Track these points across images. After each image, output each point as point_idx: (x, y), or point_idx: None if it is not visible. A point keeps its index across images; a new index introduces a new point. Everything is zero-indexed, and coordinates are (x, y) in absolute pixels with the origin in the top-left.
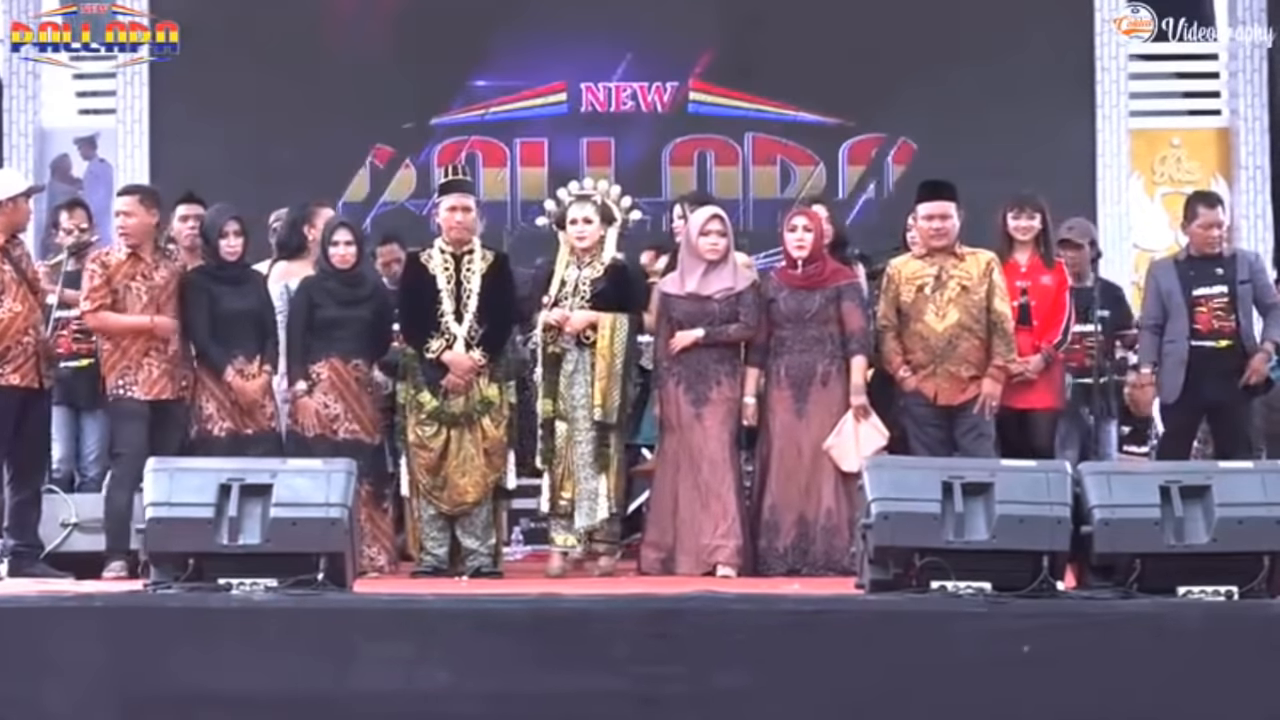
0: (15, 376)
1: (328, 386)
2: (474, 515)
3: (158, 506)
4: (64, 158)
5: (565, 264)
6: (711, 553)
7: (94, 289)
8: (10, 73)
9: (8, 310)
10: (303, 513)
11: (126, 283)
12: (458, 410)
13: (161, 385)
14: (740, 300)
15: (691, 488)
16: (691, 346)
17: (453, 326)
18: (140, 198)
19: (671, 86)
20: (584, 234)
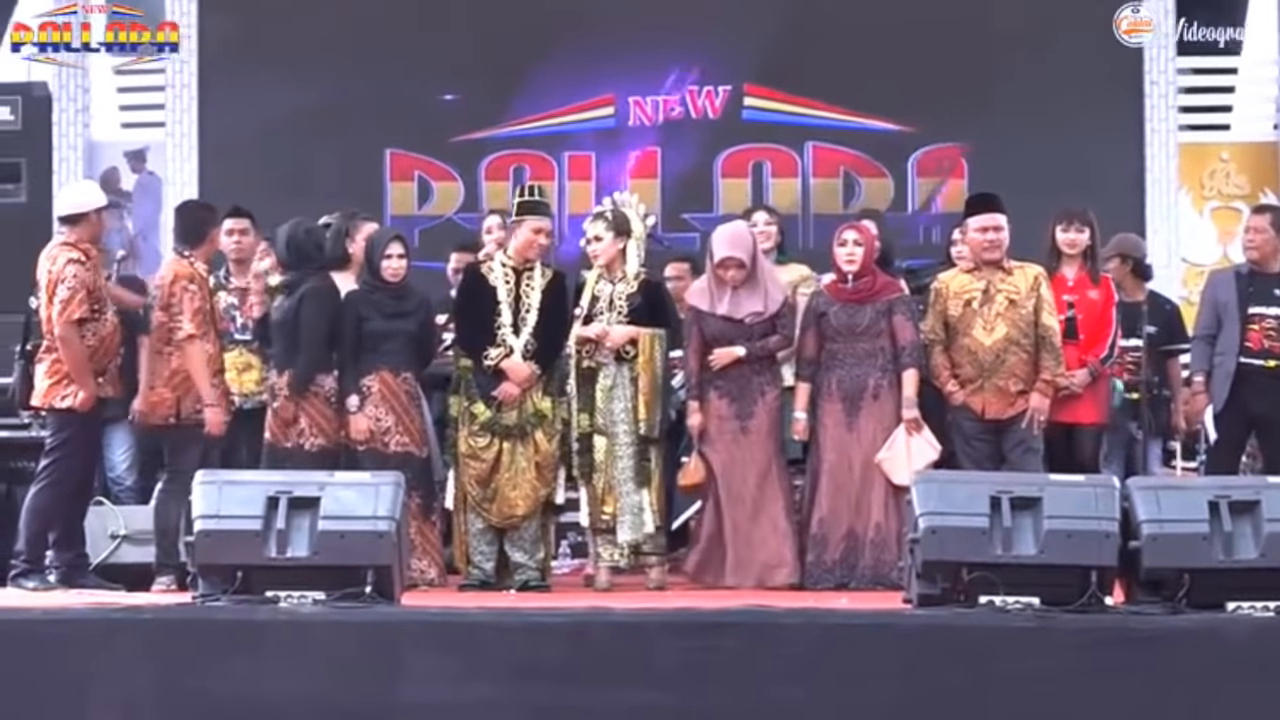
0: (110, 388)
1: (378, 399)
2: (523, 529)
3: (206, 519)
4: (113, 170)
5: (595, 278)
6: (766, 572)
7: (197, 310)
8: (60, 86)
9: (109, 323)
10: (351, 525)
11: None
12: (511, 422)
13: (224, 408)
14: (777, 315)
15: (738, 501)
16: (733, 364)
17: (510, 338)
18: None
19: (724, 91)
20: (596, 251)
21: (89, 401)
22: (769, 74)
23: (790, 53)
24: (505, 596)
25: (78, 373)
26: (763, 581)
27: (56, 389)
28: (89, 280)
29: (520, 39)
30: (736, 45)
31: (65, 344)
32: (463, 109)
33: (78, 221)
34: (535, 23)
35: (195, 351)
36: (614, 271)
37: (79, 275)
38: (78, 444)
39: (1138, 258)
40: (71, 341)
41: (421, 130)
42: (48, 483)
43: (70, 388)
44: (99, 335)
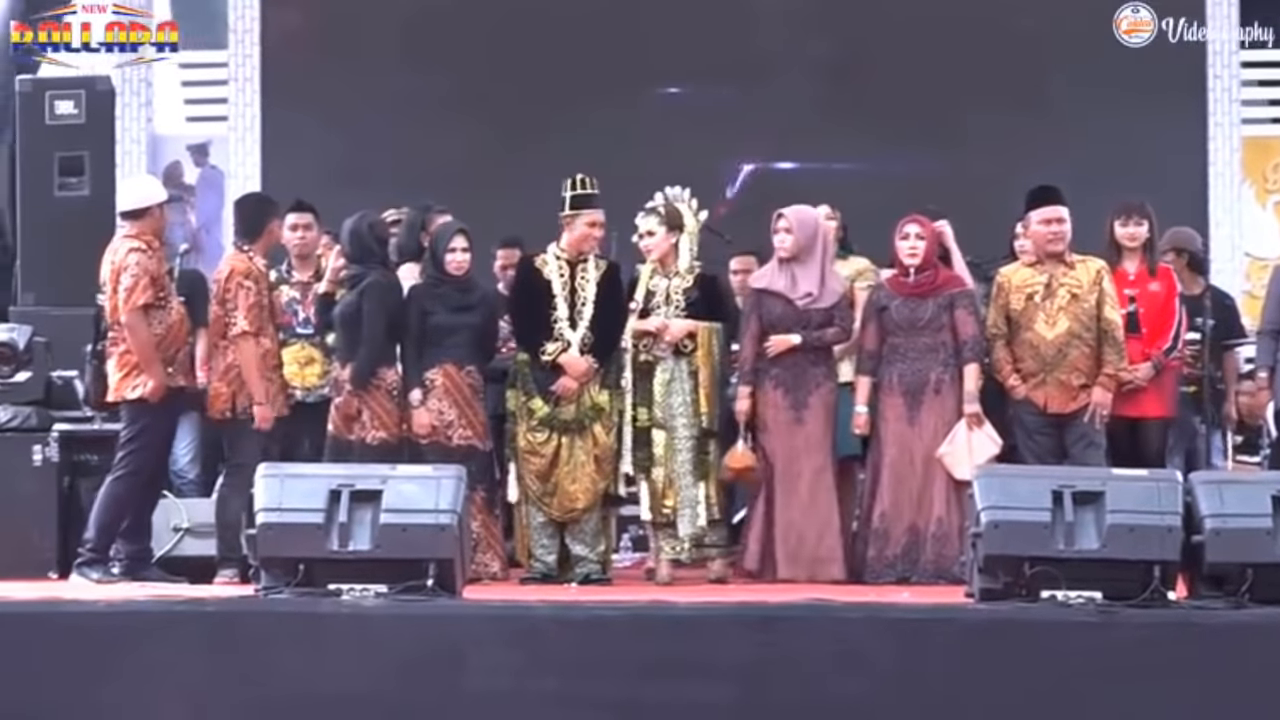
0: (182, 379)
1: (442, 393)
2: (583, 522)
3: (268, 512)
4: (176, 164)
5: (649, 273)
6: (816, 566)
7: (251, 306)
8: (123, 80)
9: (176, 312)
10: (412, 519)
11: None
12: (569, 417)
13: (280, 401)
14: (835, 306)
15: (790, 493)
16: (788, 352)
17: (567, 332)
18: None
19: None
20: (649, 246)
21: (159, 390)
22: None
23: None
24: (566, 590)
25: (145, 360)
26: (813, 576)
27: (127, 380)
28: (152, 268)
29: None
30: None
31: (132, 331)
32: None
33: (140, 216)
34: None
35: (248, 348)
36: (667, 266)
37: (141, 263)
38: (151, 434)
39: (1193, 251)
40: (138, 329)
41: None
42: (124, 473)
43: (140, 378)
44: (165, 324)
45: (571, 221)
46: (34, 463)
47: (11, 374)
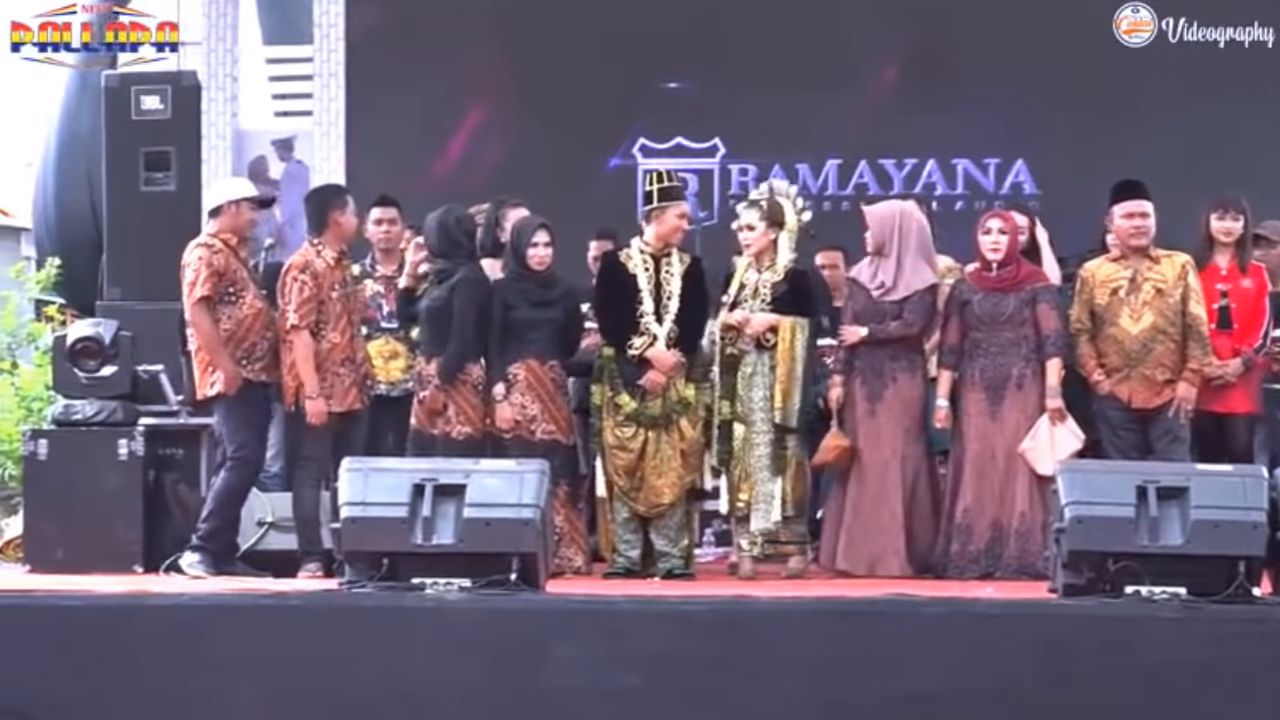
0: (263, 373)
1: (524, 387)
2: (668, 517)
3: (352, 506)
4: (261, 159)
5: (745, 266)
6: (876, 560)
7: (304, 301)
8: (209, 75)
9: (250, 307)
10: (496, 513)
11: (329, 292)
12: (656, 411)
13: (353, 396)
14: (909, 299)
15: (858, 485)
16: (859, 343)
17: (653, 327)
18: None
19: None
20: (749, 240)
21: (231, 382)
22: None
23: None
24: (649, 584)
25: (211, 353)
26: (873, 569)
27: (205, 378)
28: (218, 263)
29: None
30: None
31: (195, 325)
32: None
33: (217, 214)
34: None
35: (297, 341)
36: (763, 261)
37: (204, 258)
38: (243, 422)
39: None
40: (200, 322)
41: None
42: (230, 464)
43: (215, 374)
44: (235, 319)
45: (660, 214)
46: (119, 457)
47: (97, 368)
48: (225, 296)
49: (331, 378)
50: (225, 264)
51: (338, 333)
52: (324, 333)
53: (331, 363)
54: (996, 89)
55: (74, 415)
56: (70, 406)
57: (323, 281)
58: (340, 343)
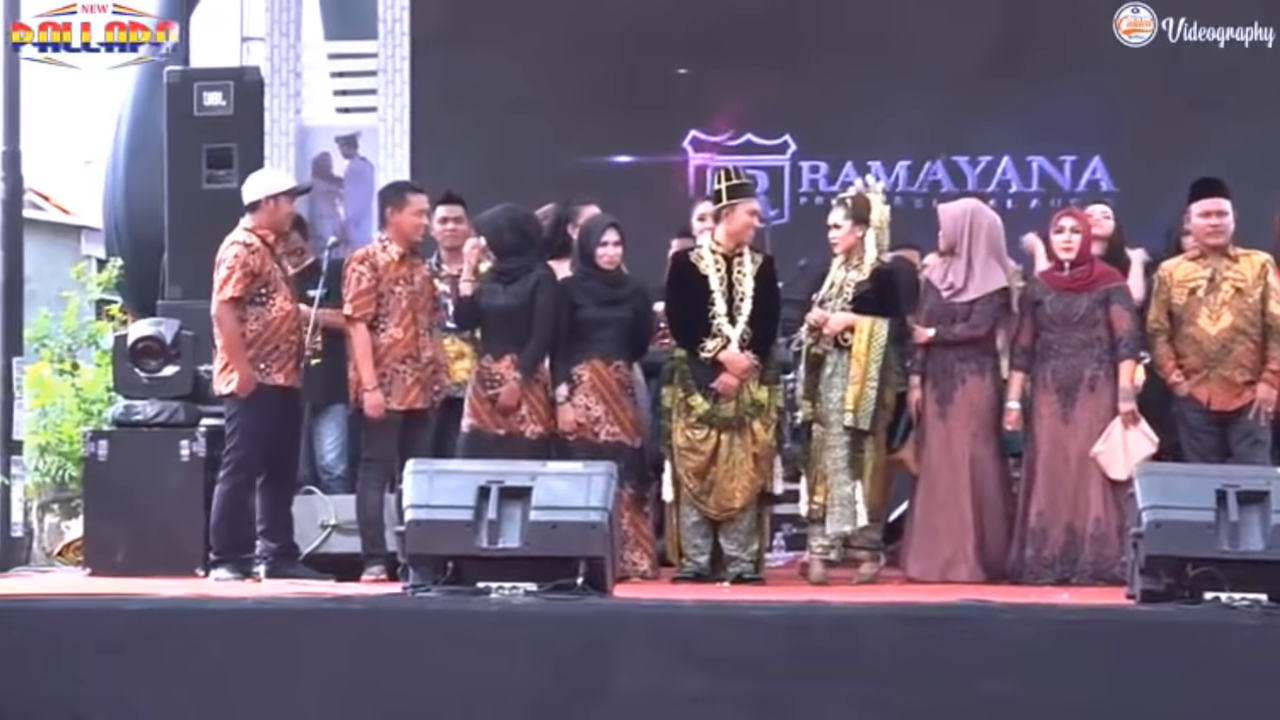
0: (280, 376)
1: (589, 388)
2: (738, 521)
3: (417, 509)
4: (324, 156)
5: (837, 265)
6: (946, 566)
7: (360, 293)
8: (273, 70)
9: (279, 309)
10: (562, 516)
11: (391, 286)
12: (729, 414)
13: (415, 394)
14: (979, 300)
15: (929, 488)
16: (928, 344)
17: (726, 328)
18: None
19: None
20: (835, 239)
21: (246, 385)
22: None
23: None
24: (719, 589)
25: (230, 354)
26: (943, 575)
27: (223, 374)
28: (252, 263)
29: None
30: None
31: (218, 323)
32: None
33: (254, 209)
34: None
35: (355, 334)
36: (851, 259)
37: (239, 255)
38: (245, 430)
39: None
40: (224, 321)
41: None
42: (225, 472)
43: (233, 373)
44: (263, 320)
45: (730, 212)
46: (181, 458)
47: (159, 368)
48: (256, 297)
49: (391, 374)
50: (261, 264)
51: (400, 329)
52: (384, 327)
53: (392, 358)
54: (1072, 84)
55: (135, 416)
56: (131, 407)
57: (383, 275)
58: (402, 339)
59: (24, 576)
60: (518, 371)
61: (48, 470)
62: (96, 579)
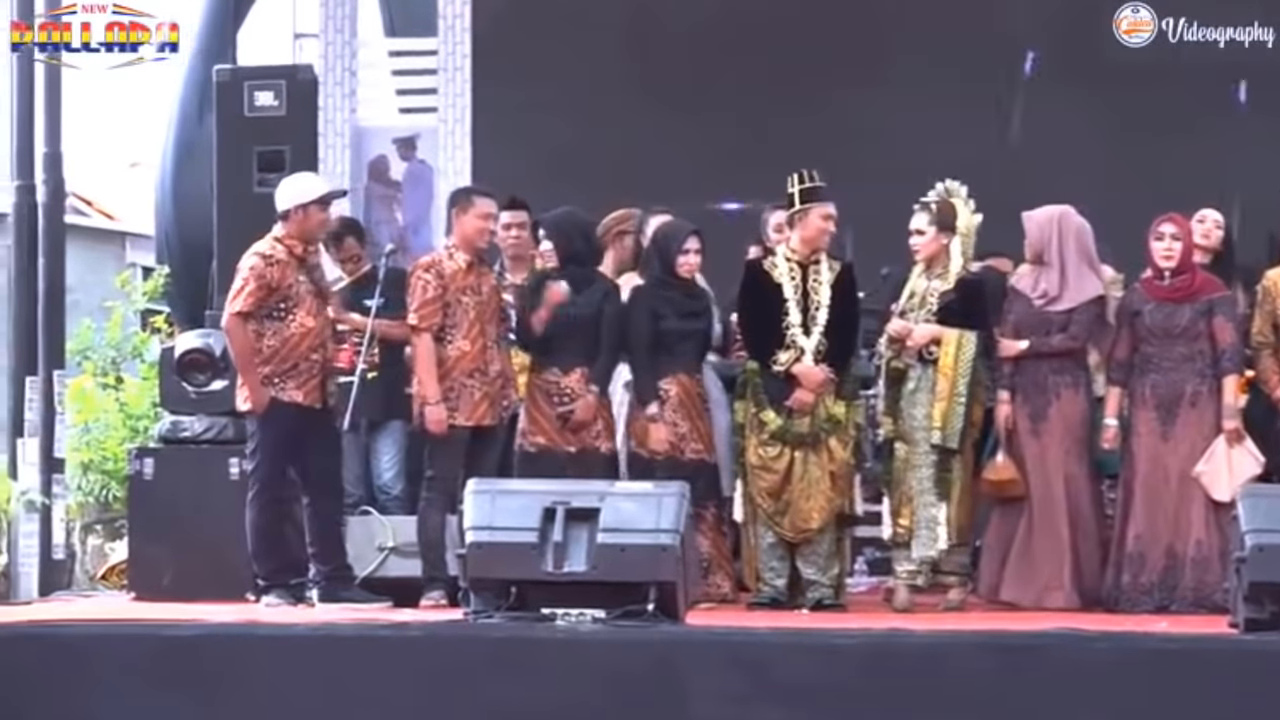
0: (299, 393)
1: (676, 404)
2: (816, 543)
3: (479, 530)
4: (381, 159)
5: (918, 274)
6: (1043, 592)
7: (426, 302)
8: (326, 69)
9: (299, 325)
10: (632, 539)
11: (459, 295)
12: (803, 429)
13: (483, 410)
14: (1077, 309)
15: (1022, 512)
16: (1019, 357)
17: (800, 339)
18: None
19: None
20: (917, 245)
21: (258, 403)
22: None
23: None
24: (797, 616)
25: (241, 370)
26: (1039, 602)
27: (240, 390)
28: (268, 275)
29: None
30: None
31: (229, 337)
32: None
33: (284, 217)
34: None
35: (418, 344)
36: (934, 267)
37: (255, 268)
38: (263, 448)
39: None
40: (234, 335)
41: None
42: (250, 493)
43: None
44: (280, 336)
45: (803, 217)
46: (230, 476)
47: (207, 382)
48: (274, 311)
49: (458, 388)
50: (280, 277)
51: (467, 340)
52: (451, 339)
53: (459, 372)
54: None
55: (182, 432)
56: (178, 423)
57: (450, 284)
58: (470, 351)
59: (66, 601)
60: (592, 385)
61: (90, 489)
62: (141, 603)
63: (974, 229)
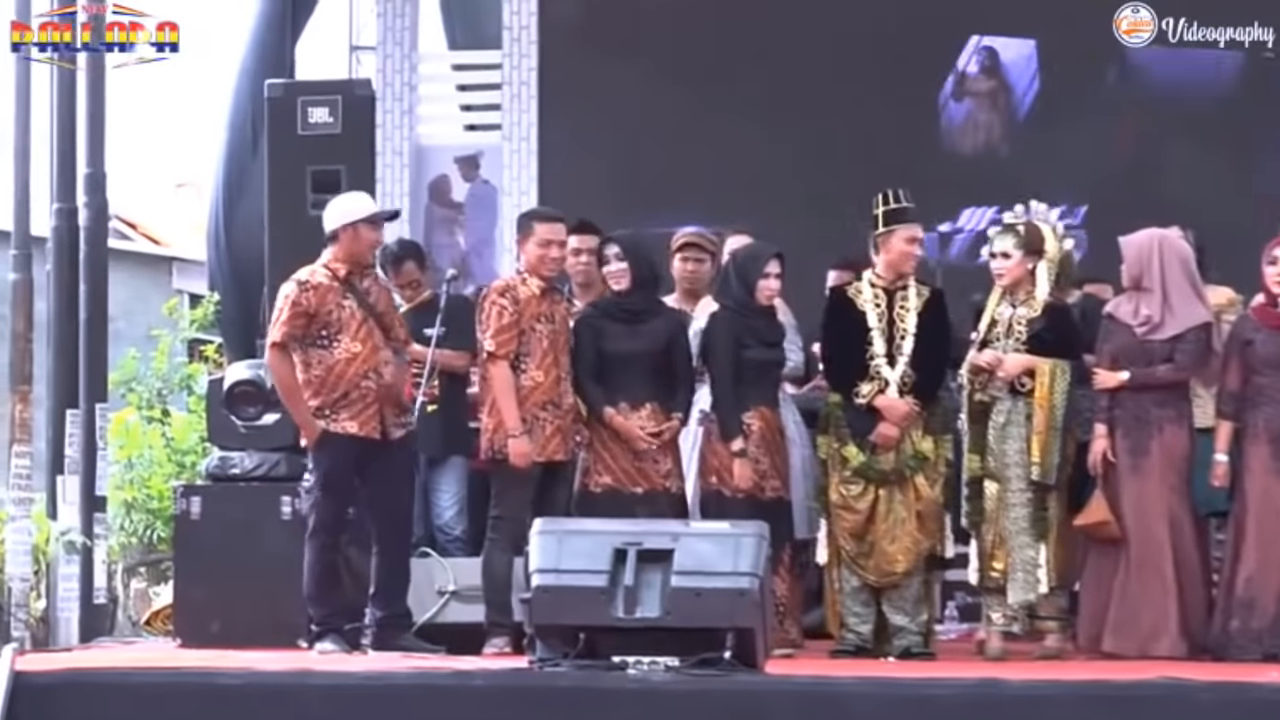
0: (353, 424)
1: (759, 439)
2: (903, 587)
3: (545, 574)
4: (443, 179)
5: (997, 300)
6: (1148, 640)
7: (503, 328)
8: (385, 84)
9: (345, 351)
10: (708, 582)
11: (533, 323)
12: (888, 466)
13: (555, 445)
14: (1182, 336)
15: (1123, 554)
16: (1119, 388)
17: (884, 370)
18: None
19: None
20: (1001, 269)
21: (309, 437)
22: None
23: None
24: (883, 664)
25: (287, 402)
26: (1144, 651)
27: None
28: (308, 302)
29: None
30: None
31: (271, 369)
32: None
33: (333, 239)
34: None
35: (496, 374)
36: (1018, 293)
37: (290, 295)
38: (320, 485)
39: None
40: (276, 366)
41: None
42: (308, 533)
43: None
44: (325, 364)
45: (887, 240)
46: (283, 516)
47: (258, 416)
48: (317, 339)
49: (531, 421)
50: (318, 302)
51: (541, 370)
52: (524, 368)
53: (532, 404)
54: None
55: (231, 469)
56: (227, 459)
57: (524, 311)
58: (543, 382)
59: (108, 648)
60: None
61: (134, 529)
62: (188, 650)
63: (1065, 256)
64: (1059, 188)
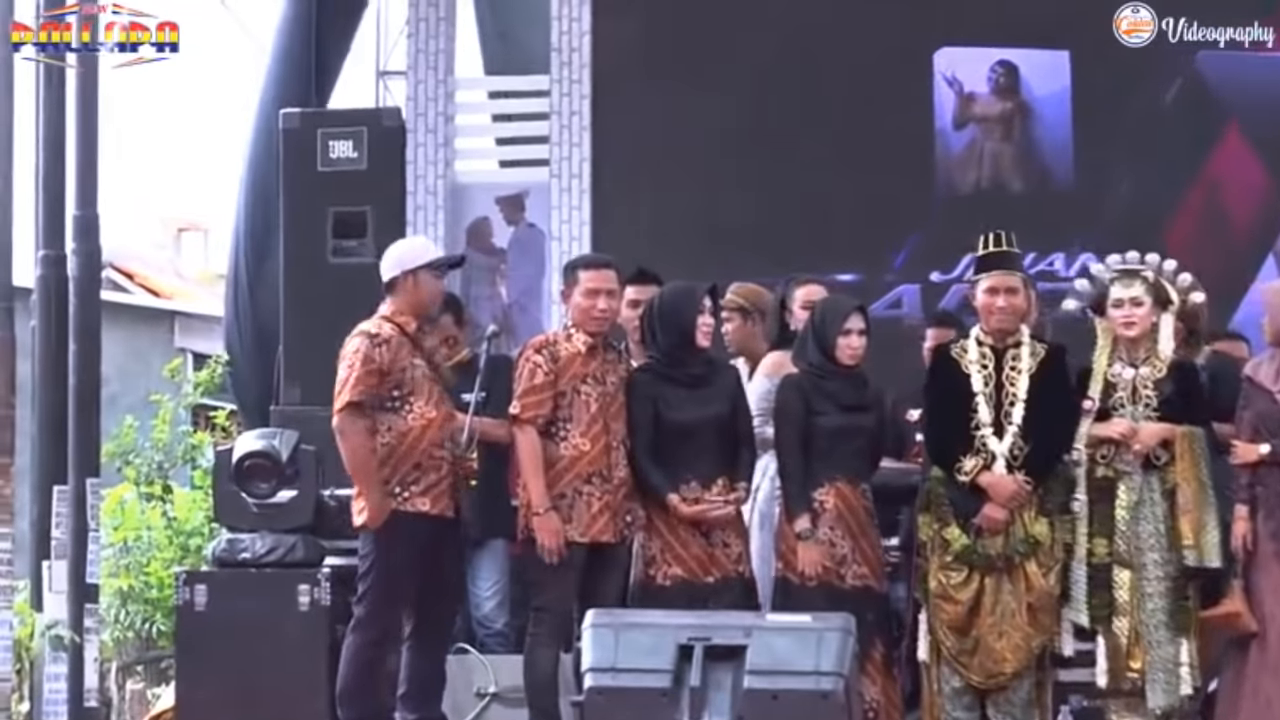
0: (425, 501)
1: (833, 519)
2: (1012, 690)
3: (599, 674)
4: (483, 221)
5: (1108, 359)
6: None
7: (533, 388)
8: (416, 114)
9: (419, 417)
10: (786, 683)
11: (576, 384)
12: (994, 551)
13: (602, 524)
14: None
15: (1261, 647)
16: (1259, 463)
17: (991, 442)
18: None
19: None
20: (1132, 318)
21: (377, 515)
22: None
23: None
24: None
25: (356, 476)
26: None
27: (355, 501)
28: (380, 358)
29: None
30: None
31: (340, 436)
32: None
33: (391, 288)
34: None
35: (521, 440)
36: (1137, 352)
37: (360, 350)
38: (380, 572)
39: None
40: (347, 434)
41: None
42: (354, 622)
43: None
44: (397, 431)
45: (974, 290)
46: (300, 606)
47: (271, 493)
48: (388, 402)
49: (572, 496)
50: (392, 358)
51: (586, 439)
52: (565, 435)
53: (574, 476)
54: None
55: (241, 553)
56: (236, 541)
57: (564, 370)
58: (589, 452)
59: None
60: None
61: (130, 622)
62: None
63: (1195, 309)
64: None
